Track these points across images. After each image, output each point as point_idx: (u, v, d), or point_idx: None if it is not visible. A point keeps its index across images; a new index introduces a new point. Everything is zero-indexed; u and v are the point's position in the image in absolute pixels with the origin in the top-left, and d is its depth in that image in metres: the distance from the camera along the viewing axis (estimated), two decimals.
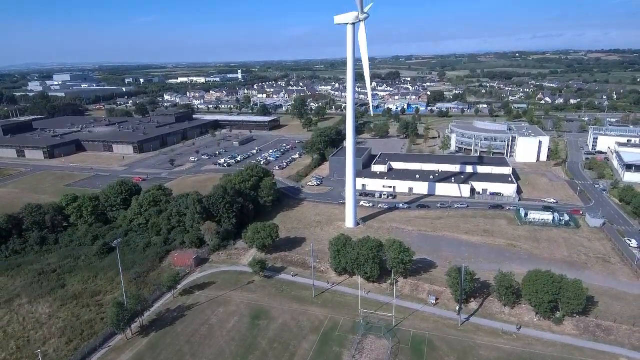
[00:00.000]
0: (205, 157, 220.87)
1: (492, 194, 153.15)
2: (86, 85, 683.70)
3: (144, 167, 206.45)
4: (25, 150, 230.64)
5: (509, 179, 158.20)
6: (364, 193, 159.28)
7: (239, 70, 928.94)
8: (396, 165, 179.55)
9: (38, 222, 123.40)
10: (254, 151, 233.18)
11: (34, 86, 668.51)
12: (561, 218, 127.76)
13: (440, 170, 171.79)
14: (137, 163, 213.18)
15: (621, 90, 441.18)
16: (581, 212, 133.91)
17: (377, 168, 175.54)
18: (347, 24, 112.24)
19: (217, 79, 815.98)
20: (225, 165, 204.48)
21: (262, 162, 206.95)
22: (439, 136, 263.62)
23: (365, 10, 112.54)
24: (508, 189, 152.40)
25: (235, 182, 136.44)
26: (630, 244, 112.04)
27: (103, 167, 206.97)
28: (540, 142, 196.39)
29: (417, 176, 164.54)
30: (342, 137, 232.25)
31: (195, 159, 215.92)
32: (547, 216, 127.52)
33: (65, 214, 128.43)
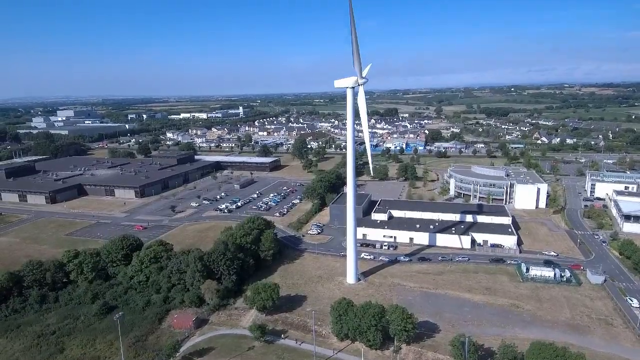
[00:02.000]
0: (207, 202, 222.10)
1: (492, 245, 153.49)
2: (89, 122, 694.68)
3: (145, 213, 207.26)
4: (28, 195, 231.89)
5: (509, 229, 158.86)
6: (364, 243, 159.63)
7: (241, 107, 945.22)
8: (396, 213, 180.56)
9: (39, 280, 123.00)
10: (255, 195, 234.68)
11: (38, 122, 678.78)
12: (562, 274, 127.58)
13: (440, 220, 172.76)
14: (138, 209, 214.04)
15: (617, 129, 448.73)
16: (582, 267, 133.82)
17: (377, 217, 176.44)
18: (347, 87, 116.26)
19: (219, 115, 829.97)
20: (226, 211, 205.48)
21: (263, 208, 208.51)
22: (437, 179, 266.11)
23: (364, 74, 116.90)
24: (509, 241, 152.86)
25: (237, 237, 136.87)
26: (632, 304, 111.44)
27: (104, 213, 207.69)
28: (538, 189, 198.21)
29: (418, 226, 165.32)
30: (342, 181, 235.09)
31: (197, 205, 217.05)
32: (549, 272, 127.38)
33: (66, 270, 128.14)
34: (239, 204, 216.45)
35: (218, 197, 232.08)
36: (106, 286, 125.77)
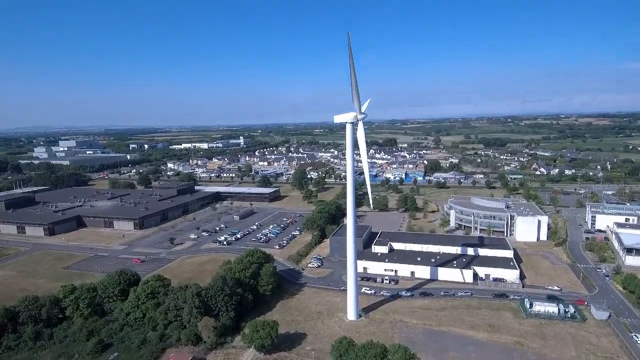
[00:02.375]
0: (206, 234, 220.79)
1: (495, 279, 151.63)
2: (91, 152, 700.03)
3: (143, 245, 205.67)
4: (26, 227, 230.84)
5: (511, 263, 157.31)
6: (365, 277, 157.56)
7: (241, 137, 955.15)
8: (397, 245, 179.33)
9: (34, 316, 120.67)
10: (255, 227, 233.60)
11: (40, 153, 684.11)
12: (567, 310, 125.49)
13: (441, 252, 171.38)
14: (137, 241, 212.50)
15: (615, 160, 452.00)
16: (586, 303, 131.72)
17: (378, 249, 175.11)
18: (346, 123, 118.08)
19: (220, 145, 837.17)
20: (225, 243, 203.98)
21: (262, 240, 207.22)
22: (438, 210, 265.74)
23: (363, 109, 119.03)
24: (511, 275, 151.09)
25: (236, 271, 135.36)
26: (638, 341, 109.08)
27: (102, 246, 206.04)
28: (539, 221, 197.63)
29: (419, 259, 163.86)
30: (342, 212, 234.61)
31: (196, 236, 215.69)
32: (553, 308, 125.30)
33: (62, 306, 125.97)
34: (238, 235, 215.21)
35: (217, 228, 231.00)
36: (102, 323, 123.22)
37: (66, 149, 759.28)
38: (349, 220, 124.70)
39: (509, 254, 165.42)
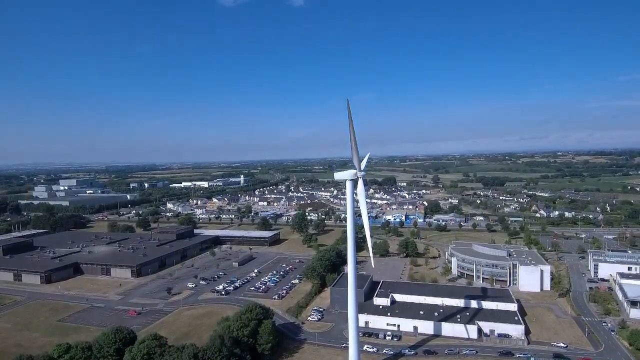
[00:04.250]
0: (204, 282, 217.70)
1: (500, 335, 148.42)
2: (91, 192, 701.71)
3: (140, 295, 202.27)
4: (23, 275, 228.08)
5: (516, 317, 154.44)
6: (367, 333, 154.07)
7: (242, 175, 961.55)
8: (399, 297, 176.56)
9: None
10: (254, 274, 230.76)
11: (40, 192, 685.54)
12: None
13: (444, 305, 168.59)
14: (133, 291, 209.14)
15: (614, 201, 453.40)
16: None
17: (379, 301, 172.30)
18: (346, 180, 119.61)
19: (220, 183, 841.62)
20: (223, 293, 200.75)
21: (261, 289, 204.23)
22: (439, 256, 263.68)
23: (362, 166, 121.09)
24: (516, 331, 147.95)
25: (234, 329, 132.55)
26: None
27: (99, 296, 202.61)
28: (542, 271, 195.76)
29: (422, 313, 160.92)
30: (342, 259, 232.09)
31: (194, 285, 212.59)
32: None
33: None
34: (237, 284, 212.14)
35: (216, 276, 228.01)
36: None
37: (66, 188, 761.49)
38: (350, 297, 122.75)
39: (513, 307, 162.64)
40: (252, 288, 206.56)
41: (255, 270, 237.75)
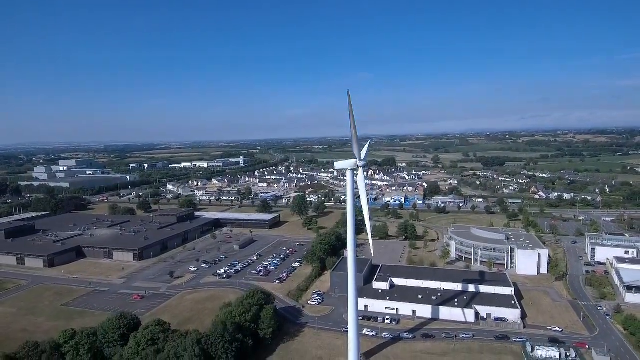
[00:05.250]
0: (205, 266, 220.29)
1: (496, 319, 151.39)
2: (91, 173, 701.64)
3: (143, 279, 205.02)
4: (26, 258, 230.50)
5: (512, 302, 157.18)
6: (366, 317, 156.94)
7: (241, 156, 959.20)
8: (398, 281, 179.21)
9: None
10: (255, 257, 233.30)
11: (40, 173, 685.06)
12: (568, 354, 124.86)
13: (442, 289, 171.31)
14: (136, 274, 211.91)
15: (613, 182, 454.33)
16: (587, 346, 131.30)
17: (379, 285, 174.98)
18: (346, 169, 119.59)
19: (220, 164, 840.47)
20: (225, 276, 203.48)
21: (262, 273, 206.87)
22: (438, 239, 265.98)
23: (362, 156, 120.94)
24: (513, 315, 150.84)
25: (236, 315, 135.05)
26: None
27: (102, 279, 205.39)
28: (539, 255, 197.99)
29: (420, 297, 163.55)
30: (342, 242, 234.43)
31: (195, 269, 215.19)
32: (554, 353, 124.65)
33: (63, 352, 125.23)
34: (238, 268, 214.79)
35: (217, 259, 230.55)
36: None
37: (66, 168, 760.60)
38: (350, 281, 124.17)
39: (510, 291, 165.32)
40: (253, 272, 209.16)
41: (256, 254, 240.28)
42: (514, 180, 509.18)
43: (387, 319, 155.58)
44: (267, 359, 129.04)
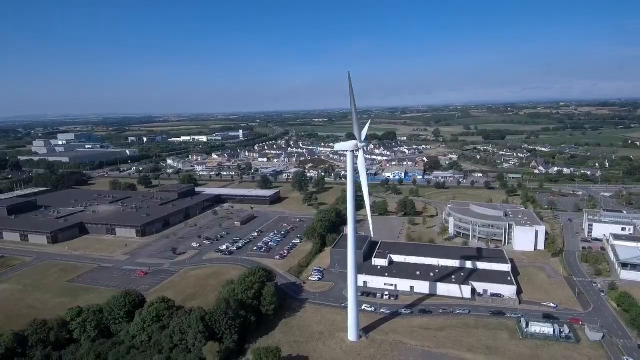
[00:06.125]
0: (207, 242, 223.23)
1: (492, 295, 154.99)
2: (90, 147, 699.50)
3: (146, 255, 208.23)
4: (29, 235, 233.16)
5: (509, 278, 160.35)
6: (365, 292, 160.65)
7: (240, 130, 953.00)
8: (396, 257, 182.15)
9: (42, 340, 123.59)
10: (255, 234, 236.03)
11: (38, 147, 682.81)
12: (561, 330, 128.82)
13: (440, 265, 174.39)
14: (139, 250, 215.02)
15: (613, 157, 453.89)
16: (581, 322, 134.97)
17: (377, 262, 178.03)
18: (347, 151, 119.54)
19: (219, 137, 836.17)
20: (227, 252, 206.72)
21: (263, 249, 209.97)
22: (437, 214, 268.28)
23: (362, 136, 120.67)
24: (508, 291, 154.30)
25: (238, 292, 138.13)
26: None
27: (106, 255, 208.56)
28: (536, 231, 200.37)
29: (418, 273, 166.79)
30: (341, 219, 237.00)
31: (197, 245, 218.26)
32: (548, 329, 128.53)
33: (69, 328, 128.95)
34: (240, 244, 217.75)
35: (219, 235, 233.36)
36: (109, 345, 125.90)
37: (64, 142, 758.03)
38: (350, 257, 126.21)
39: (506, 267, 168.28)
40: (255, 248, 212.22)
41: (257, 230, 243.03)
42: (514, 154, 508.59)
43: (386, 294, 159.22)
44: (269, 334, 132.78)
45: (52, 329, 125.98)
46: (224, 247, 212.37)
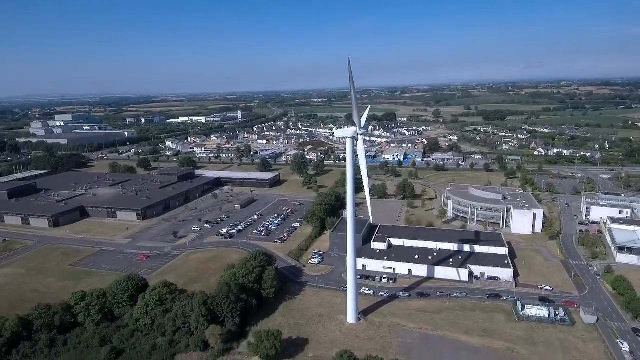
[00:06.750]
0: (208, 225, 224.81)
1: (489, 278, 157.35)
2: (88, 128, 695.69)
3: (147, 239, 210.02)
4: (31, 219, 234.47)
5: (506, 261, 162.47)
6: (364, 275, 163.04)
7: (239, 111, 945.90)
8: (395, 241, 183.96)
9: (48, 324, 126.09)
10: (256, 217, 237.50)
11: (37, 129, 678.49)
12: (557, 313, 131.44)
13: (438, 249, 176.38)
14: (141, 234, 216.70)
15: (613, 138, 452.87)
16: (576, 305, 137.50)
17: (377, 245, 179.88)
18: (347, 137, 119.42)
19: (218, 119, 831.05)
20: (227, 236, 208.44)
21: (263, 233, 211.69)
22: (436, 197, 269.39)
23: (363, 119, 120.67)
24: (505, 274, 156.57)
25: (239, 276, 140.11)
26: (623, 348, 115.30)
27: (107, 239, 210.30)
28: (534, 214, 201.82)
29: (417, 256, 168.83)
30: (341, 202, 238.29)
31: (198, 229, 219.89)
32: (544, 312, 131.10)
33: (74, 312, 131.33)
34: (240, 228, 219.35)
35: (219, 219, 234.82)
36: (113, 328, 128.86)
37: (62, 124, 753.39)
38: (349, 241, 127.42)
39: (503, 251, 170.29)
40: (255, 231, 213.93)
41: (257, 213, 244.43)
42: (514, 135, 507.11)
43: (385, 278, 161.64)
44: (270, 317, 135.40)
45: (57, 314, 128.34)
46: (224, 230, 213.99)
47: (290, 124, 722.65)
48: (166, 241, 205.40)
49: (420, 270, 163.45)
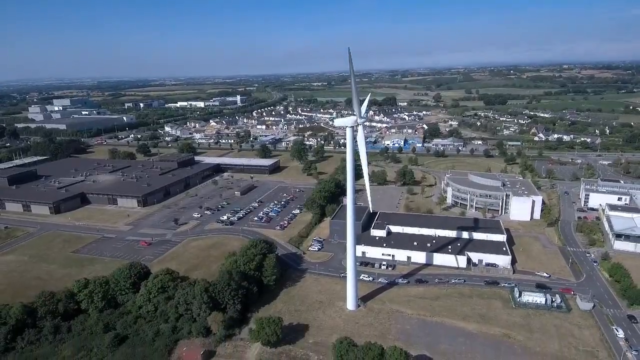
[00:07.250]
0: (209, 212, 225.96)
1: (487, 264, 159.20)
2: (87, 113, 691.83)
3: (148, 226, 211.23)
4: (32, 205, 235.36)
5: (504, 248, 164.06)
6: (364, 262, 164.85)
7: (238, 96, 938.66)
8: (395, 228, 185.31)
9: (52, 311, 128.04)
10: (256, 204, 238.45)
11: (35, 114, 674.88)
12: (553, 300, 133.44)
13: (437, 236, 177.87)
14: (142, 221, 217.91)
15: (614, 123, 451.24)
16: (572, 292, 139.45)
17: (376, 232, 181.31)
18: (347, 127, 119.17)
19: (217, 103, 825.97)
20: (228, 223, 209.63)
21: (263, 219, 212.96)
22: (435, 184, 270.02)
23: (363, 112, 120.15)
24: (503, 261, 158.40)
25: (240, 264, 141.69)
26: (618, 334, 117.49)
27: (109, 226, 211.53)
28: (533, 201, 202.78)
29: (416, 243, 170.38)
30: (341, 189, 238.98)
31: (199, 215, 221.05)
32: (540, 298, 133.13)
33: (77, 300, 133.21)
34: (240, 214, 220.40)
35: (220, 206, 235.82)
36: (116, 315, 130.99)
37: (61, 108, 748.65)
38: (349, 228, 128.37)
39: (502, 238, 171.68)
40: (255, 218, 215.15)
41: (258, 200, 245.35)
42: (515, 120, 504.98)
43: (384, 264, 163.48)
44: (271, 303, 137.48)
45: (61, 301, 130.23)
46: (225, 217, 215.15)
47: (290, 108, 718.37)
48: (167, 228, 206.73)
49: (419, 257, 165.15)
